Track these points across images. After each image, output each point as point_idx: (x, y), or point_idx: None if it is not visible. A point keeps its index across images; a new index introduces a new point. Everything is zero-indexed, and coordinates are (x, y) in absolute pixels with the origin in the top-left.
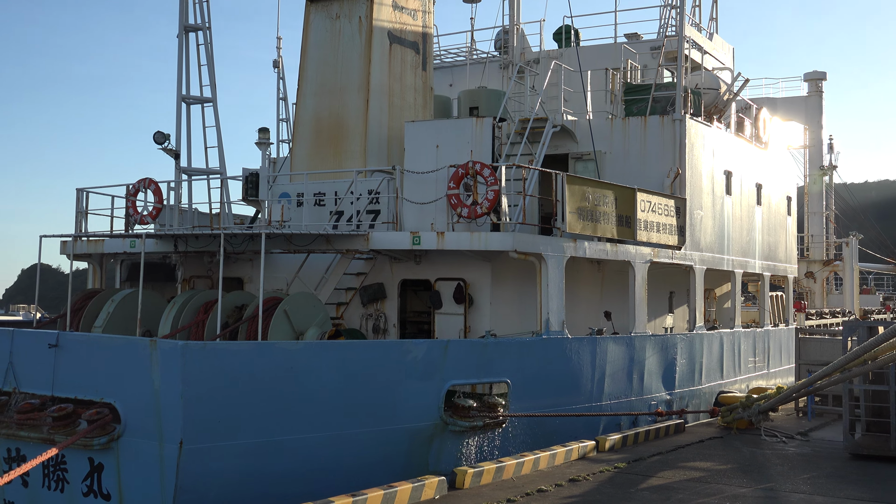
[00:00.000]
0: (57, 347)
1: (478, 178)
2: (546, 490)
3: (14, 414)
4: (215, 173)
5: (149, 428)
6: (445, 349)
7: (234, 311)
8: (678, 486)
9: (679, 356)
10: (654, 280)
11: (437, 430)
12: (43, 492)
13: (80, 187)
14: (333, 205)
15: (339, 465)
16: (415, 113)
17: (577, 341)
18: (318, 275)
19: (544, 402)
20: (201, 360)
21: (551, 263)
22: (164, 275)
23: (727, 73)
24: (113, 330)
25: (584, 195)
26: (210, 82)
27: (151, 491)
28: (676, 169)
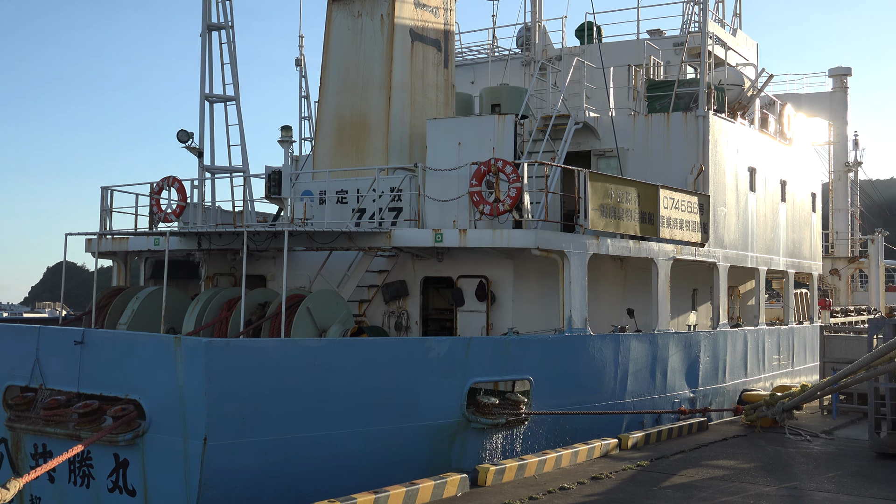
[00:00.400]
0: (82, 344)
1: (500, 175)
2: (568, 488)
3: (40, 410)
4: (238, 171)
5: (173, 424)
6: (468, 346)
7: (258, 308)
8: (701, 485)
9: (702, 354)
10: (677, 277)
11: (459, 428)
12: (69, 487)
13: (105, 185)
14: (356, 202)
15: (361, 462)
16: (437, 110)
17: (599, 339)
18: (340, 272)
19: (567, 400)
20: (225, 358)
21: (574, 261)
22: (187, 272)
23: (751, 68)
24: (137, 327)
25: (606, 192)
26: (233, 80)
27: (176, 487)
28: (700, 166)
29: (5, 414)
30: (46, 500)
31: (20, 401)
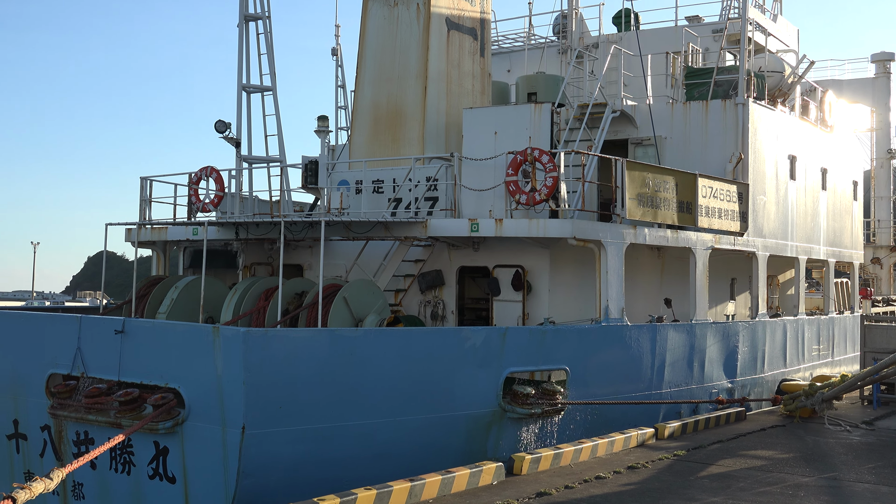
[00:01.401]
0: (123, 334)
1: (536, 164)
2: (604, 477)
3: (82, 398)
4: (275, 161)
5: (212, 413)
6: (504, 336)
7: (295, 297)
8: (739, 475)
9: (741, 344)
10: (715, 267)
11: (495, 418)
12: (110, 474)
13: (144, 176)
14: (392, 192)
15: (397, 451)
16: (473, 99)
17: (636, 329)
18: (376, 262)
19: (603, 390)
20: (263, 347)
21: (610, 250)
22: (225, 262)
23: (791, 55)
24: (176, 316)
25: (644, 181)
26: (270, 71)
27: (215, 474)
28: (739, 154)
29: (48, 401)
30: (88, 487)
31: (62, 389)
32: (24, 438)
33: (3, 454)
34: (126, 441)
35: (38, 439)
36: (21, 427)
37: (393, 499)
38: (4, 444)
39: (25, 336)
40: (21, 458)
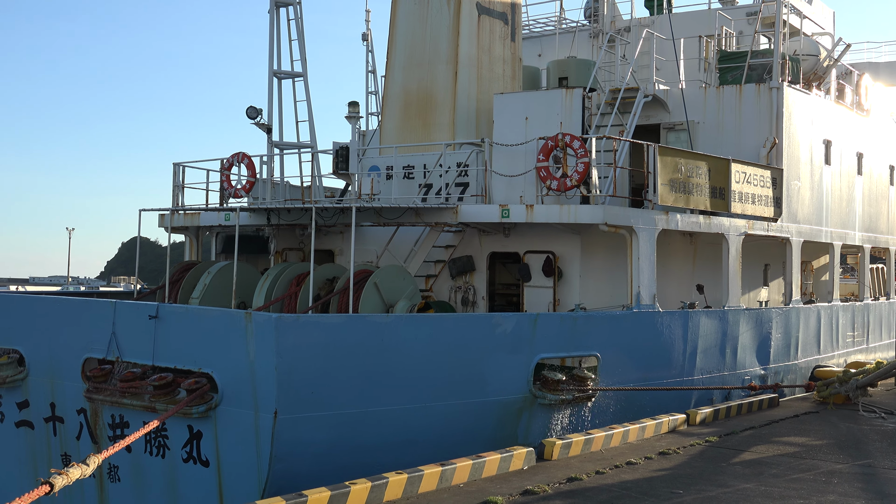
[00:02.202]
0: (157, 319)
1: (567, 150)
2: (635, 463)
3: (117, 382)
4: (306, 147)
5: (245, 398)
6: (535, 322)
7: (326, 283)
8: (771, 461)
9: (774, 330)
10: (748, 252)
11: (526, 404)
12: (145, 457)
13: (177, 162)
14: (422, 178)
15: (428, 437)
16: (503, 84)
17: (668, 315)
18: (407, 247)
19: (635, 377)
20: (294, 333)
21: (642, 236)
22: (257, 247)
23: (827, 38)
24: (209, 301)
25: (676, 166)
26: (301, 57)
27: (248, 459)
28: (773, 139)
29: (84, 385)
30: (124, 469)
31: (98, 373)
32: (61, 421)
33: (41, 437)
34: (161, 425)
35: (75, 422)
36: (58, 410)
37: (424, 483)
38: (42, 426)
39: (61, 321)
40: (58, 440)
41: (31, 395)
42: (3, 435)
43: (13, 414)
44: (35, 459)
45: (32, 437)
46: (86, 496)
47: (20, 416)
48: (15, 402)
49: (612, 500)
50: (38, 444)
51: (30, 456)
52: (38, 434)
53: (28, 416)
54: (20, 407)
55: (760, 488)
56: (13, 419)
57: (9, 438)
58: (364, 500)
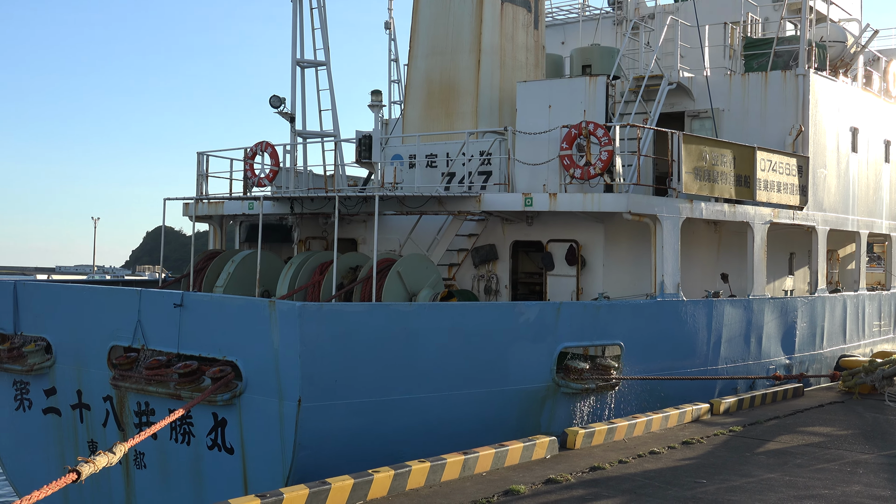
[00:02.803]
0: (181, 307)
1: (591, 138)
2: (658, 452)
3: (143, 370)
4: (329, 136)
5: (269, 386)
6: (558, 311)
7: (349, 271)
8: (796, 451)
9: (799, 320)
10: (773, 241)
11: (549, 392)
12: (170, 444)
13: (201, 151)
14: (445, 166)
15: (451, 425)
16: (526, 73)
17: (692, 304)
18: (430, 236)
19: (658, 366)
20: (318, 321)
21: (666, 225)
22: (281, 236)
23: (854, 24)
24: (233, 290)
25: (700, 154)
26: (323, 45)
27: (272, 446)
28: (799, 126)
29: (110, 373)
30: (150, 456)
31: (124, 360)
32: (88, 408)
33: (68, 423)
34: (186, 412)
35: (101, 409)
36: (84, 397)
37: (447, 471)
38: (69, 413)
39: (88, 309)
40: (84, 427)
41: (58, 383)
42: (31, 421)
43: (41, 401)
44: (62, 446)
45: (59, 424)
46: (112, 482)
47: (47, 403)
48: (42, 389)
49: (635, 490)
50: (65, 431)
51: (57, 442)
52: (65, 421)
53: (55, 403)
54: (47, 394)
55: (785, 478)
56: (41, 406)
57: (36, 425)
58: (387, 488)
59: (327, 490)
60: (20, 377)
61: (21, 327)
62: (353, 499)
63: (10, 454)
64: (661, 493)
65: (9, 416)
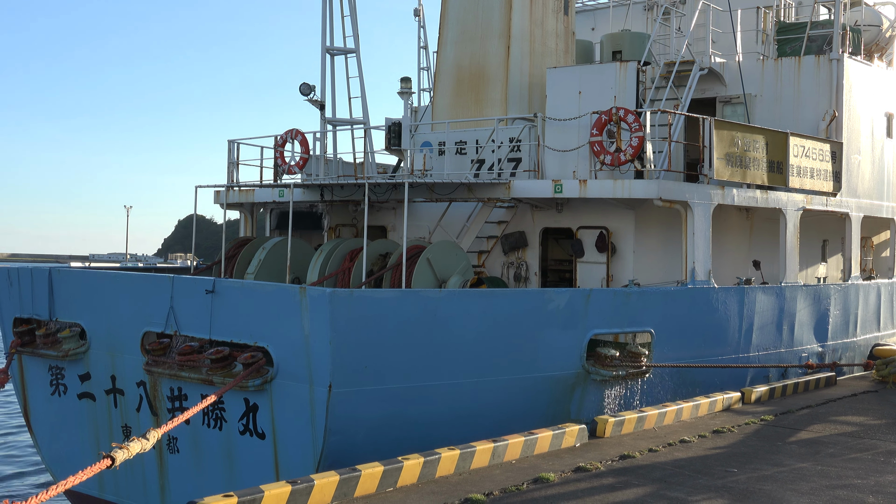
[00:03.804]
0: (213, 293)
1: (621, 124)
2: (689, 441)
3: (175, 356)
4: (359, 123)
5: (300, 372)
6: (588, 298)
7: (379, 258)
8: (828, 441)
9: (832, 307)
10: (806, 228)
11: (578, 380)
12: (203, 429)
13: (232, 139)
14: (475, 153)
15: (480, 412)
16: (556, 59)
17: (723, 291)
18: (459, 223)
19: (689, 353)
20: (348, 307)
21: (697, 211)
22: (311, 223)
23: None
24: (264, 276)
25: (732, 140)
26: (353, 33)
27: (303, 431)
28: (832, 111)
29: (143, 358)
30: (182, 441)
31: (157, 346)
32: (122, 394)
33: (102, 408)
34: (218, 398)
35: (135, 394)
36: (118, 383)
37: (476, 459)
38: (103, 398)
39: (121, 295)
40: (119, 412)
41: (93, 368)
42: (66, 406)
43: (75, 386)
44: (97, 430)
45: (94, 409)
46: (146, 466)
47: (82, 388)
48: (77, 374)
49: (665, 479)
50: (100, 416)
51: (92, 427)
52: (100, 406)
53: (90, 389)
54: (82, 379)
55: (817, 468)
56: (75, 391)
57: (71, 410)
58: (416, 476)
59: (357, 476)
60: (55, 362)
61: (56, 313)
62: (383, 486)
63: (47, 438)
64: (691, 482)
65: (45, 400)
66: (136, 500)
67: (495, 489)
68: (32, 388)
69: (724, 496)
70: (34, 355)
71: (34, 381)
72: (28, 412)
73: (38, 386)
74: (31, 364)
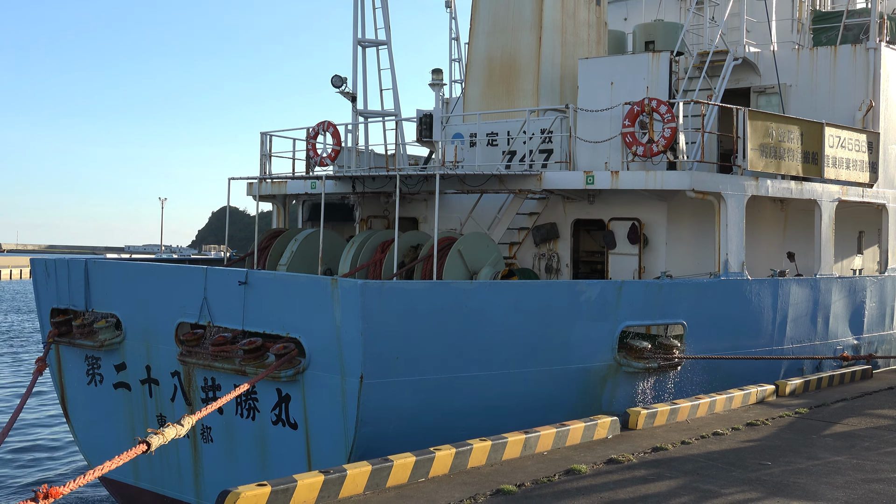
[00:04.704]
0: (246, 285)
1: (654, 115)
2: (722, 433)
3: (209, 346)
4: (390, 115)
5: (331, 362)
6: (620, 290)
7: (410, 250)
8: (864, 434)
9: (868, 300)
10: (841, 219)
11: (610, 372)
12: (236, 419)
13: (264, 131)
14: (506, 144)
15: (511, 404)
16: (588, 49)
17: (757, 283)
18: (490, 215)
19: (722, 345)
20: (380, 299)
21: (731, 203)
22: (342, 215)
23: None
24: (296, 268)
25: (767, 131)
26: (385, 25)
27: (335, 422)
28: (869, 101)
29: (178, 349)
30: (216, 430)
31: (190, 337)
32: (156, 383)
33: (137, 398)
34: (251, 388)
35: (169, 384)
36: (153, 373)
37: (508, 450)
38: (138, 388)
39: (156, 287)
40: (154, 401)
41: (128, 358)
42: (102, 396)
43: (111, 376)
44: (132, 419)
45: (129, 399)
46: (181, 455)
47: (118, 377)
48: (113, 364)
49: (697, 471)
50: (135, 405)
51: (127, 416)
52: (135, 395)
53: (125, 378)
54: (118, 369)
55: (852, 461)
56: (111, 381)
57: (107, 399)
58: (448, 466)
59: (389, 467)
60: (91, 352)
61: (92, 304)
62: (415, 476)
63: (83, 427)
64: (724, 475)
65: (81, 390)
66: (170, 489)
67: (527, 480)
68: (69, 378)
69: (758, 489)
70: (71, 345)
71: (71, 370)
72: (65, 401)
73: (74, 375)
74: (68, 354)
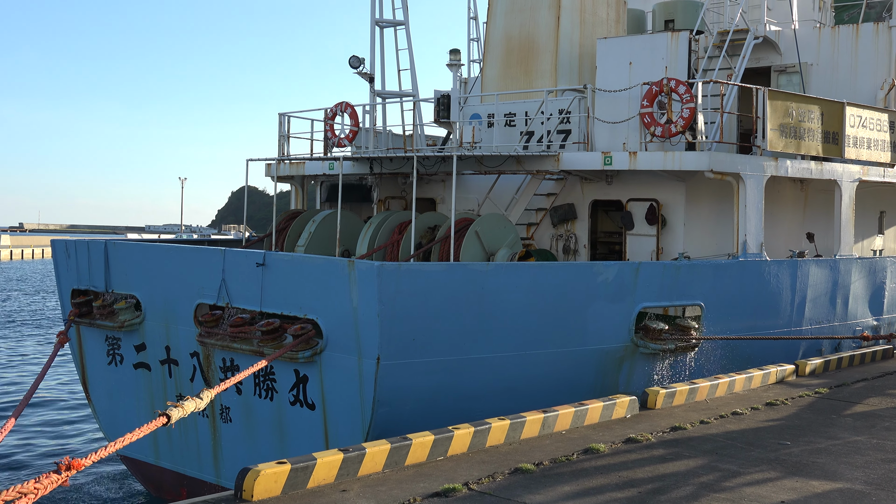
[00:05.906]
0: (264, 266)
1: (672, 95)
2: (741, 413)
3: (227, 327)
4: (408, 95)
5: (348, 344)
6: (637, 271)
7: (427, 231)
8: (885, 414)
9: (889, 280)
10: (862, 199)
11: (627, 353)
12: (255, 399)
13: (282, 112)
14: (524, 125)
15: (528, 385)
16: (607, 29)
17: (776, 264)
18: (508, 195)
19: (740, 326)
20: (396, 280)
21: (750, 183)
22: (360, 196)
23: None
24: (314, 249)
25: (787, 111)
26: (402, 5)
27: (352, 403)
28: (892, 80)
29: (196, 330)
30: (235, 410)
31: (209, 318)
32: (176, 364)
33: (157, 378)
34: (269, 368)
35: (188, 365)
36: (172, 353)
37: (526, 429)
38: (158, 368)
39: (175, 268)
40: (173, 381)
41: (148, 339)
42: (123, 376)
43: (131, 356)
44: (152, 399)
45: (149, 379)
46: (200, 434)
47: (138, 358)
48: (133, 344)
49: (716, 450)
50: (155, 385)
51: (147, 395)
52: (155, 375)
53: (145, 359)
54: (137, 349)
55: (872, 441)
56: (131, 361)
57: (128, 379)
58: (467, 445)
59: (408, 445)
60: (112, 333)
61: (112, 285)
62: (434, 454)
63: (104, 408)
64: (743, 454)
65: (102, 370)
66: (190, 468)
67: (545, 459)
68: (90, 358)
69: (778, 469)
70: (92, 326)
71: (92, 350)
72: (86, 381)
73: (95, 355)
74: (89, 334)
